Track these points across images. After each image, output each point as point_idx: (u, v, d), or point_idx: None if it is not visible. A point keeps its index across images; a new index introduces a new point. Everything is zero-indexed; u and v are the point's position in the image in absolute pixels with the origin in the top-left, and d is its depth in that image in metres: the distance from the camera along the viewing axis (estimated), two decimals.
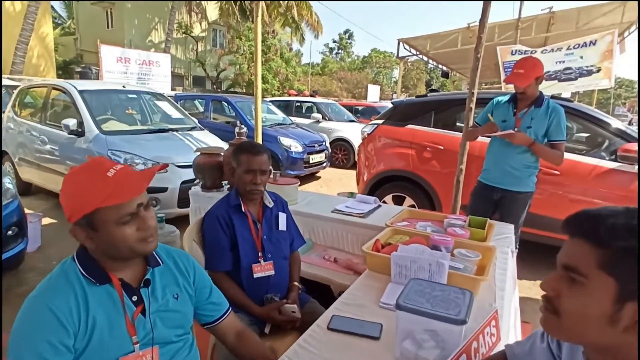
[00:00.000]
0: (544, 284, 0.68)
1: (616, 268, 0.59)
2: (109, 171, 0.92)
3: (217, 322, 1.18)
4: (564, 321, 0.64)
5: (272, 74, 18.69)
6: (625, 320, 0.59)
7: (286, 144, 6.20)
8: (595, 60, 6.15)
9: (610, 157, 3.22)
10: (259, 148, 1.68)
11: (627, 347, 0.60)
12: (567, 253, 0.65)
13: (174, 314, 1.06)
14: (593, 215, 0.63)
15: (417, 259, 1.28)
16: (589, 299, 0.61)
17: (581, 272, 0.61)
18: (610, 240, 0.59)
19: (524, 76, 2.41)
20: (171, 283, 1.08)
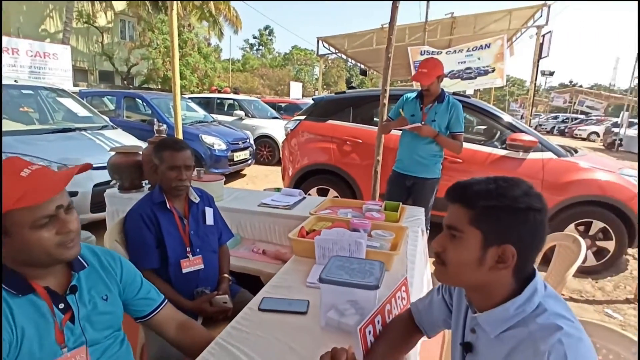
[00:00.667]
0: (435, 242, 0.85)
1: (480, 222, 0.77)
2: (23, 171, 0.86)
3: (151, 315, 1.17)
4: (449, 269, 0.82)
5: (190, 69, 17.86)
6: (489, 261, 0.77)
7: (209, 142, 6.04)
8: (490, 61, 6.99)
9: (502, 146, 3.74)
10: (182, 144, 1.68)
11: (492, 282, 0.80)
12: (449, 215, 0.83)
13: (104, 316, 1.04)
14: (463, 185, 0.81)
15: (338, 241, 1.41)
16: (464, 248, 0.79)
17: (458, 229, 0.79)
18: (475, 202, 0.77)
19: (427, 75, 2.70)
20: (98, 285, 1.05)
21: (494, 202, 0.76)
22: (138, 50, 18.35)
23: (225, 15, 17.43)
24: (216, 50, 24.54)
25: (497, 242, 0.76)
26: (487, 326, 0.81)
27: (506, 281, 0.79)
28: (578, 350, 0.69)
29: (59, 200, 0.90)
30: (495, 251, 0.77)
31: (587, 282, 3.42)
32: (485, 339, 0.83)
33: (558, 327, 0.71)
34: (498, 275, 0.78)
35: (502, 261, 0.77)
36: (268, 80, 30.39)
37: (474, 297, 0.86)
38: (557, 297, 0.81)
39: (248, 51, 43.88)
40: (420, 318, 1.07)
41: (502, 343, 0.78)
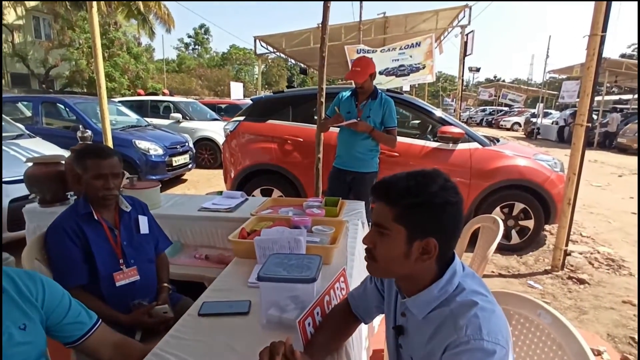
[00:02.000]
0: (365, 239, 0.90)
1: (403, 219, 0.82)
2: None
3: (82, 340, 1.10)
4: (380, 264, 0.88)
5: (120, 71, 16.77)
6: (415, 254, 0.83)
7: (143, 147, 5.73)
8: (421, 59, 7.36)
9: (434, 139, 3.98)
10: (107, 150, 1.58)
11: (418, 271, 0.86)
12: (375, 213, 0.87)
13: (21, 346, 0.95)
14: (386, 184, 0.86)
15: (277, 240, 1.43)
16: (392, 244, 0.84)
17: (384, 226, 0.84)
18: (397, 201, 0.83)
19: (360, 73, 2.80)
20: (14, 313, 0.96)
21: (414, 199, 0.81)
22: (57, 50, 16.86)
23: (155, 13, 16.52)
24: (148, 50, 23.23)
25: (420, 236, 0.82)
26: (415, 309, 0.88)
27: (430, 268, 0.86)
28: (490, 321, 0.77)
29: None
30: (419, 244, 0.82)
31: (513, 258, 3.76)
32: (414, 321, 0.90)
33: (474, 303, 0.79)
34: (423, 265, 0.85)
35: (426, 252, 0.83)
36: (207, 80, 29.45)
37: (403, 284, 0.93)
38: (473, 276, 0.90)
39: (183, 51, 42.15)
40: (357, 306, 1.12)
41: (429, 323, 0.85)
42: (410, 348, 0.92)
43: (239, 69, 39.01)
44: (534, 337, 1.14)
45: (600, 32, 3.02)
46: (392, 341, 1.00)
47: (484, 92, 31.83)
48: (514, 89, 28.92)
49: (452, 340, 0.76)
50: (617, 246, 4.15)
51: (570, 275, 3.35)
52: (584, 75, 3.14)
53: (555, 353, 1.08)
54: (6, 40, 16.63)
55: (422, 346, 0.86)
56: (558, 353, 1.07)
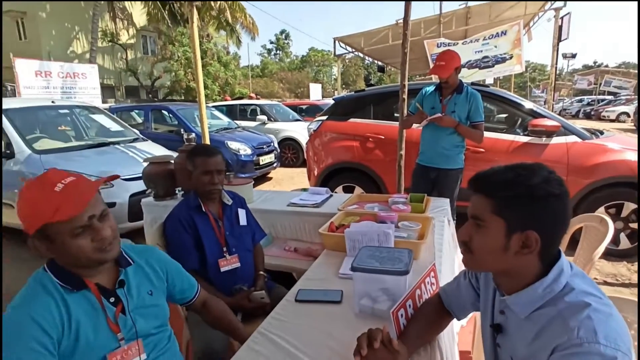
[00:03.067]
0: (460, 232, 0.89)
1: (502, 211, 0.80)
2: (57, 186, 0.94)
3: (194, 299, 1.32)
4: (476, 256, 0.86)
5: (211, 78, 18.31)
6: (514, 248, 0.81)
7: (234, 147, 6.21)
8: (507, 48, 6.84)
9: (524, 133, 3.68)
10: (213, 150, 1.78)
11: (518, 266, 0.83)
12: (472, 206, 0.87)
13: (151, 308, 1.13)
14: (484, 176, 0.85)
15: (366, 232, 1.47)
16: (489, 236, 0.83)
17: (482, 218, 0.83)
18: (495, 192, 0.81)
19: (445, 67, 2.72)
20: (144, 281, 1.15)
21: (513, 191, 0.79)
22: (160, 63, 19.02)
23: (241, 23, 17.76)
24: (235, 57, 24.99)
25: (519, 228, 0.79)
26: (517, 307, 0.84)
27: (532, 264, 0.82)
28: (608, 324, 0.71)
29: (91, 211, 0.97)
30: (518, 237, 0.80)
31: (621, 265, 3.32)
32: (515, 320, 0.86)
33: (586, 304, 0.74)
34: (523, 259, 0.81)
35: (526, 246, 0.80)
36: (287, 83, 30.70)
37: (502, 280, 0.90)
38: (584, 276, 0.84)
39: (266, 56, 44.46)
40: (449, 301, 1.11)
41: (533, 323, 0.81)
42: (510, 347, 0.89)
43: (318, 70, 39.95)
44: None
45: None
46: (489, 340, 0.98)
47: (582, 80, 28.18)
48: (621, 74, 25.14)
49: (561, 342, 0.72)
50: None
51: None
52: None
53: None
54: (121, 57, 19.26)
55: (524, 346, 0.82)
56: None
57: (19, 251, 4.00)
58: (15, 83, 7.73)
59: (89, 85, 9.17)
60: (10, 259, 3.82)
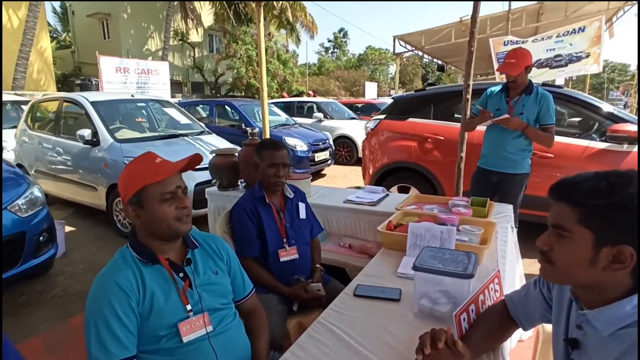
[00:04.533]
0: (540, 240, 0.83)
1: (591, 222, 0.74)
2: (157, 159, 1.17)
3: (243, 300, 1.37)
4: (558, 268, 0.80)
5: (270, 76, 18.86)
6: (603, 262, 0.74)
7: (291, 143, 6.37)
8: (585, 46, 6.29)
9: (601, 139, 3.38)
10: (280, 144, 1.86)
11: (606, 281, 0.76)
12: (554, 214, 0.81)
13: (216, 286, 1.25)
14: (569, 183, 0.78)
15: (430, 228, 1.48)
16: (574, 248, 0.76)
17: (566, 228, 0.77)
18: (583, 201, 0.74)
19: (515, 65, 2.58)
20: (209, 262, 1.27)
21: (604, 200, 0.72)
22: (224, 61, 19.93)
23: (301, 22, 18.11)
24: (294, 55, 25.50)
25: (610, 242, 0.72)
26: (600, 324, 0.78)
27: (622, 280, 0.75)
28: None
29: (179, 182, 1.17)
30: (609, 251, 0.73)
31: None
32: (596, 337, 0.80)
33: None
34: (613, 275, 0.74)
35: (618, 261, 0.73)
36: (343, 82, 30.71)
37: (583, 293, 0.84)
38: None
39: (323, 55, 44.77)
40: (516, 310, 1.07)
41: (617, 342, 0.75)
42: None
43: (374, 69, 39.53)
44: None
45: None
46: (562, 355, 0.92)
47: None
48: None
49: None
50: None
51: None
52: None
53: None
54: (189, 55, 20.48)
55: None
56: None
57: (97, 229, 4.44)
58: (98, 78, 8.57)
59: (160, 81, 9.89)
60: (89, 236, 4.26)
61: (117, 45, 18.41)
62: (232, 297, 1.32)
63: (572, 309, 0.89)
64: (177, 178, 1.17)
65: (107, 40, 19.29)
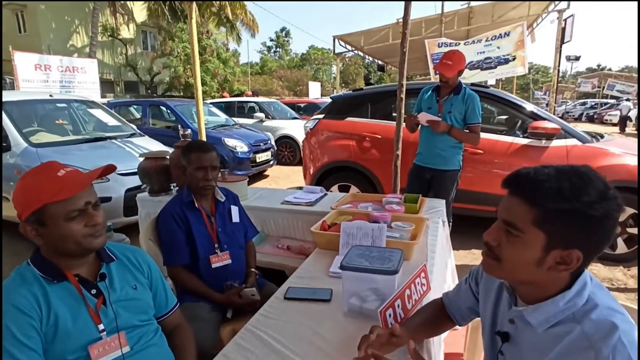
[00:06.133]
0: (488, 235, 0.80)
1: (546, 224, 0.72)
2: (59, 171, 1.02)
3: (166, 316, 1.27)
4: (504, 265, 0.78)
5: (210, 75, 18.26)
6: (549, 263, 0.74)
7: (231, 144, 6.20)
8: (510, 49, 6.82)
9: (524, 135, 3.67)
10: (208, 146, 1.77)
11: (547, 280, 0.77)
12: (507, 209, 0.77)
13: (135, 301, 1.15)
14: (531, 179, 0.74)
15: (362, 226, 1.49)
16: (524, 248, 0.74)
17: (518, 228, 0.74)
18: (543, 202, 0.71)
19: (451, 67, 2.71)
20: (127, 276, 1.17)
21: (566, 205, 0.69)
22: (160, 59, 18.97)
23: (242, 20, 17.75)
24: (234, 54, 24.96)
25: (562, 246, 0.72)
26: (534, 320, 0.78)
27: (562, 279, 0.76)
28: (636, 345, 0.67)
29: (87, 197, 1.04)
30: (558, 254, 0.73)
31: (618, 270, 3.32)
32: (528, 332, 0.81)
33: (614, 325, 0.69)
34: (556, 275, 0.75)
35: (564, 263, 0.73)
36: (286, 81, 30.64)
37: (522, 289, 0.83)
38: (601, 287, 0.79)
39: (266, 54, 44.40)
40: (451, 306, 1.11)
41: (551, 338, 0.75)
42: (516, 357, 0.85)
43: (317, 68, 39.91)
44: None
45: None
46: (491, 347, 0.94)
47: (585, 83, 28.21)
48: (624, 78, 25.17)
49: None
50: None
51: None
52: None
53: None
54: (121, 52, 19.19)
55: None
56: None
57: (14, 244, 3.98)
58: (14, 76, 7.70)
59: (88, 80, 9.12)
60: (4, 252, 3.80)
61: (36, 39, 16.73)
62: (153, 313, 1.22)
63: (501, 303, 0.91)
64: (87, 192, 1.04)
65: (23, 34, 17.45)
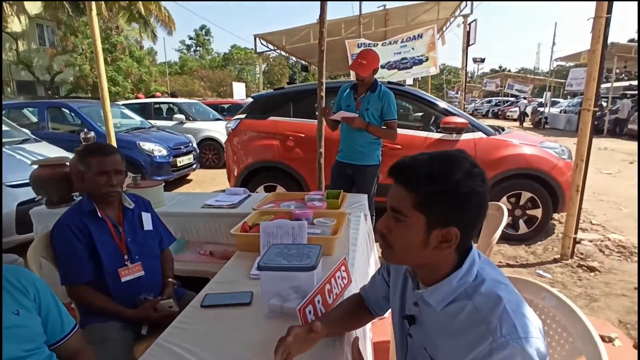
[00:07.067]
0: (380, 224, 0.85)
1: (424, 207, 0.77)
2: None
3: (62, 342, 1.13)
4: (396, 251, 0.84)
5: (123, 75, 16.88)
6: (433, 243, 0.79)
7: (148, 148, 5.76)
8: (423, 51, 7.30)
9: (437, 130, 3.95)
10: (109, 148, 1.60)
11: (437, 260, 0.82)
12: (392, 197, 0.82)
13: (18, 329, 1.01)
14: (407, 165, 0.80)
15: (282, 225, 1.45)
16: (409, 232, 0.80)
17: (403, 213, 0.79)
18: (418, 187, 0.77)
19: (365, 67, 2.79)
20: (7, 300, 1.02)
21: (437, 187, 0.75)
22: (61, 57, 17.01)
23: (156, 16, 16.62)
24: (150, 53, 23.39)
25: (441, 225, 0.77)
26: (432, 300, 0.83)
27: (449, 257, 0.82)
28: (521, 313, 0.73)
29: None
30: (439, 233, 0.78)
31: (521, 248, 3.73)
32: (429, 312, 0.85)
33: (499, 297, 0.75)
34: (442, 253, 0.80)
35: (446, 241, 0.78)
36: (209, 82, 29.53)
37: (420, 273, 0.88)
38: (490, 263, 0.86)
39: (185, 53, 42.33)
40: (368, 299, 1.11)
41: (449, 315, 0.80)
42: (423, 338, 0.88)
43: (241, 69, 39.09)
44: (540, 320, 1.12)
45: (605, 14, 2.97)
46: (400, 330, 0.97)
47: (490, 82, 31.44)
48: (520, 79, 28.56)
49: (487, 343, 0.71)
50: (628, 233, 4.08)
51: (580, 263, 3.31)
52: (590, 59, 3.08)
53: (561, 335, 1.07)
54: (10, 48, 16.81)
55: (441, 339, 0.82)
56: (563, 335, 1.06)
57: None
58: None
59: None
60: None
61: None
62: (44, 340, 1.06)
63: (407, 288, 0.94)
64: None
65: None
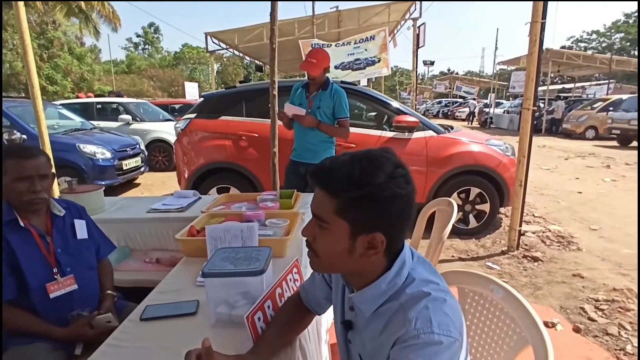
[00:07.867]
0: (304, 231, 0.81)
1: (346, 213, 0.73)
2: None
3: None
4: (322, 260, 0.80)
5: (62, 73, 15.71)
6: (359, 250, 0.76)
7: (89, 151, 5.36)
8: (376, 52, 7.45)
9: (390, 129, 4.01)
10: (32, 150, 1.43)
11: (365, 266, 0.79)
12: (315, 202, 0.78)
13: None
14: (327, 169, 0.75)
15: (230, 228, 1.36)
16: (333, 239, 0.76)
17: (325, 220, 0.75)
18: (339, 192, 0.73)
19: (315, 66, 2.75)
20: None
21: (358, 191, 0.71)
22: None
23: (99, 11, 15.64)
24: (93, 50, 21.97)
25: (365, 231, 0.74)
26: (362, 305, 0.81)
27: (378, 262, 0.79)
28: (442, 311, 0.72)
29: None
30: (364, 239, 0.75)
31: (471, 242, 3.88)
32: (362, 317, 0.83)
33: (425, 294, 0.73)
34: (369, 260, 0.77)
35: (372, 247, 0.75)
36: (159, 81, 28.28)
37: (351, 278, 0.86)
38: (424, 262, 0.84)
39: (132, 51, 40.28)
40: (307, 298, 1.06)
41: (379, 319, 0.79)
42: (359, 344, 0.86)
43: (193, 68, 37.87)
44: (489, 313, 1.14)
45: (540, 20, 3.16)
46: (341, 336, 0.95)
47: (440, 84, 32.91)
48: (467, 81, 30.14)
49: (401, 334, 0.71)
50: (565, 224, 4.40)
51: (525, 254, 3.51)
52: (528, 61, 3.27)
53: (509, 327, 1.08)
54: None
55: (371, 342, 0.80)
56: (511, 326, 1.08)
57: None
58: None
59: None
60: None
61: None
62: None
63: (345, 292, 0.91)
64: None
65: None
